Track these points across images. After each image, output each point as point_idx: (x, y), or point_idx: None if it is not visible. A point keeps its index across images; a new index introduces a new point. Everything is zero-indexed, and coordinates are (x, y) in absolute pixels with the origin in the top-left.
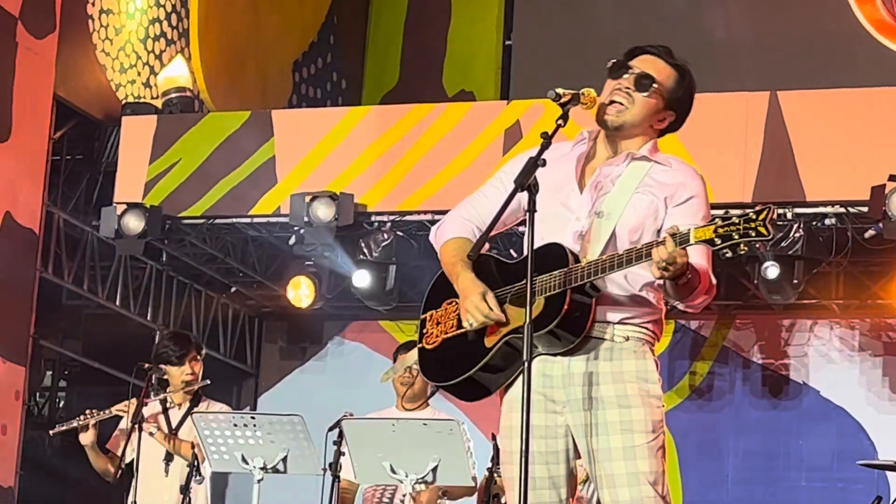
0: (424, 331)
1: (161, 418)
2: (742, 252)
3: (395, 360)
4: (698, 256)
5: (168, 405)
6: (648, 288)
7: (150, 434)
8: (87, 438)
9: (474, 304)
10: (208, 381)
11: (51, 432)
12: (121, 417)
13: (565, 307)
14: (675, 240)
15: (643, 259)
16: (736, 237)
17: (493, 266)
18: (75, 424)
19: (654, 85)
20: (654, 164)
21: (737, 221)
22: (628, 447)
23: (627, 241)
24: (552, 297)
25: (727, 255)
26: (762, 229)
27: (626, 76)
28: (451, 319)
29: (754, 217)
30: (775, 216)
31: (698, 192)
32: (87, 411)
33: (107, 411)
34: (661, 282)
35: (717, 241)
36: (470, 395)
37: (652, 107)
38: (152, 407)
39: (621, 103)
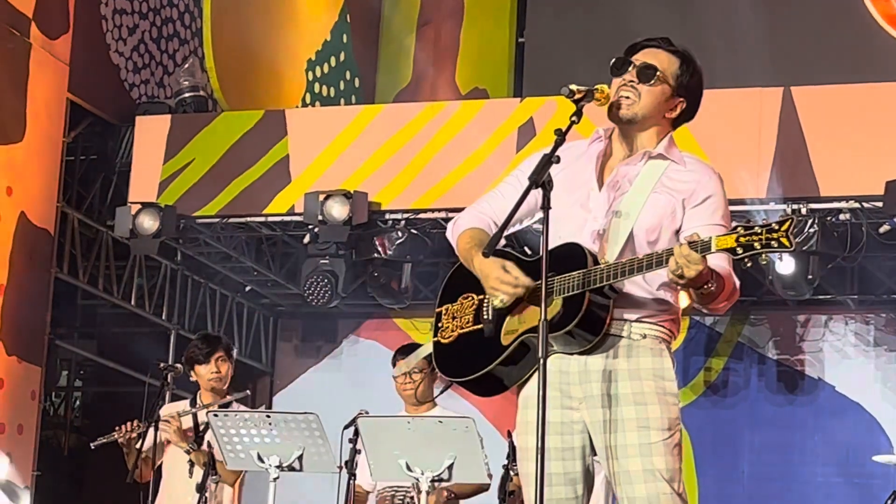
0: (440, 325)
1: (184, 419)
2: (763, 262)
3: (393, 366)
4: (722, 259)
5: (197, 407)
6: (665, 287)
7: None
8: (122, 437)
9: (498, 279)
10: (248, 392)
11: (92, 445)
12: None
13: (584, 309)
14: (697, 248)
15: (663, 265)
16: (758, 247)
17: (515, 262)
18: (116, 437)
19: (658, 73)
20: (671, 164)
21: (759, 231)
22: (644, 444)
23: (645, 241)
24: (570, 298)
25: (748, 264)
26: (784, 240)
27: (629, 71)
28: (466, 314)
29: (776, 227)
30: (796, 228)
31: (715, 191)
32: (131, 423)
33: (148, 423)
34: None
35: (739, 250)
36: (485, 391)
37: (659, 95)
38: (181, 406)
39: (628, 97)
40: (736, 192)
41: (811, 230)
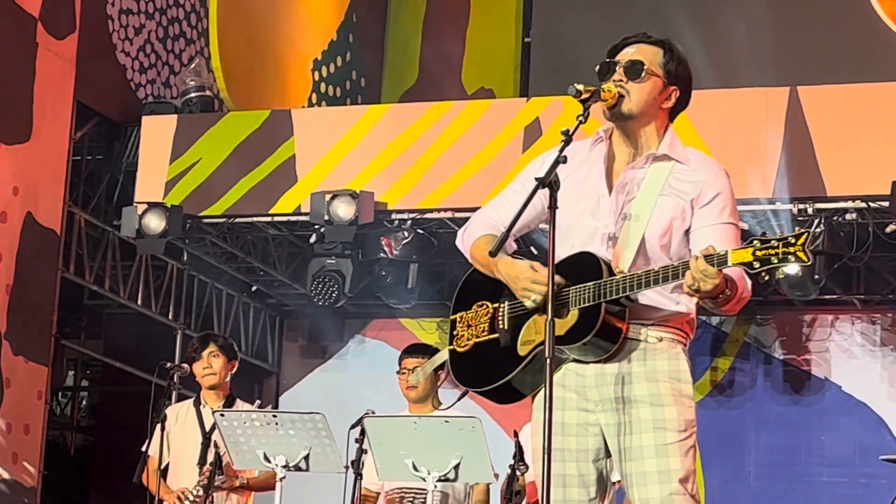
0: (455, 333)
1: (189, 420)
2: (780, 277)
3: (399, 365)
4: None
5: (201, 406)
6: (680, 289)
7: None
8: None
9: (530, 279)
10: (259, 402)
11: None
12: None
13: (600, 320)
14: (713, 262)
15: (679, 277)
16: (775, 261)
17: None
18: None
19: (645, 67)
20: (675, 164)
21: (775, 245)
22: (660, 445)
23: (658, 245)
24: (586, 309)
25: (766, 278)
26: (802, 255)
27: (616, 71)
28: (482, 323)
29: (793, 241)
30: (813, 240)
31: (722, 189)
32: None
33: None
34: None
35: (756, 264)
36: (501, 399)
37: (651, 88)
38: (186, 406)
39: (622, 96)
40: (742, 192)
41: (817, 230)
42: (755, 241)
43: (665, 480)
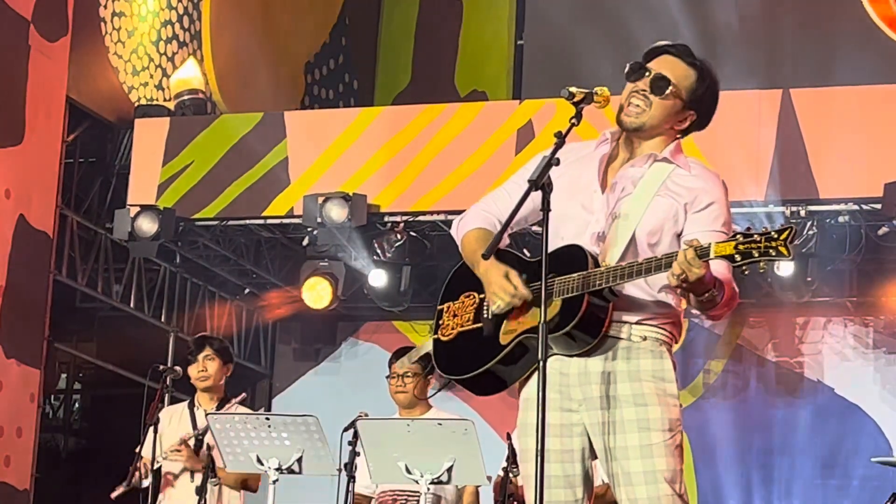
0: (441, 322)
1: (182, 423)
2: (762, 270)
3: (389, 369)
4: (722, 266)
5: (195, 408)
6: (667, 290)
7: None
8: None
9: (499, 286)
10: (245, 395)
11: (112, 496)
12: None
13: (582, 310)
14: (695, 253)
15: (662, 269)
16: (756, 255)
17: (515, 263)
18: (134, 484)
19: (671, 87)
20: (676, 168)
21: (758, 239)
22: (645, 445)
23: (646, 243)
24: (569, 300)
25: (746, 272)
26: (783, 249)
27: (643, 79)
28: (467, 312)
29: (775, 236)
30: (794, 236)
31: (718, 198)
32: (142, 466)
33: (160, 458)
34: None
35: (738, 257)
36: (483, 390)
37: (670, 108)
38: (179, 409)
39: (638, 105)
40: (735, 195)
41: (810, 232)
42: (738, 236)
43: (652, 481)
